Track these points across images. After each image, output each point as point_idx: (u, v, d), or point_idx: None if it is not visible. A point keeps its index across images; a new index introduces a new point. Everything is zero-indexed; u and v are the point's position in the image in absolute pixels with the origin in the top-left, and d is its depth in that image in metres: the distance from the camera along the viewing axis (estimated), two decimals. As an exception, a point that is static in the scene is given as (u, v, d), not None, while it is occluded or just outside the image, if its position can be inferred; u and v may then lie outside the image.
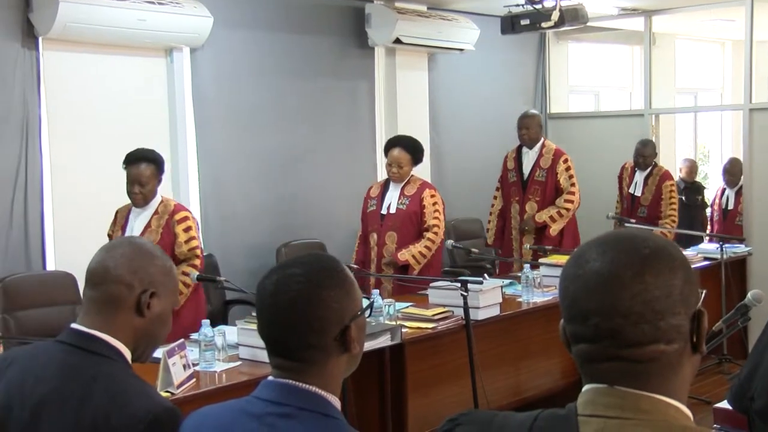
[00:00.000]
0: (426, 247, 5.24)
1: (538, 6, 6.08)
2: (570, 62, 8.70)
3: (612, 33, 8.65)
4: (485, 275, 4.80)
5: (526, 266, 5.07)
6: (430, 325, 4.30)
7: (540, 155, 6.24)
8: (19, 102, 4.89)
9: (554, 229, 6.08)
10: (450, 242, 5.26)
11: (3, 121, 4.85)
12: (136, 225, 4.43)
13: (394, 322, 4.15)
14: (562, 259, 5.16)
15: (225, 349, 3.65)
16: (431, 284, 4.70)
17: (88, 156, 5.25)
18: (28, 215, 4.94)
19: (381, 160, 7.04)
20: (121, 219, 4.53)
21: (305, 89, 6.32)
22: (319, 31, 6.41)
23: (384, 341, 3.89)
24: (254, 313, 4.03)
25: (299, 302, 1.50)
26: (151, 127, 5.59)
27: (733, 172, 7.06)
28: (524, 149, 6.30)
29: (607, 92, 9.61)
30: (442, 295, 4.53)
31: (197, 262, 4.45)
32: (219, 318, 5.23)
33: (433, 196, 5.34)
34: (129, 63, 5.47)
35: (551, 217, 6.09)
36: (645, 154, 6.74)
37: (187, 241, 4.41)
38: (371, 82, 6.84)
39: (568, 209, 6.11)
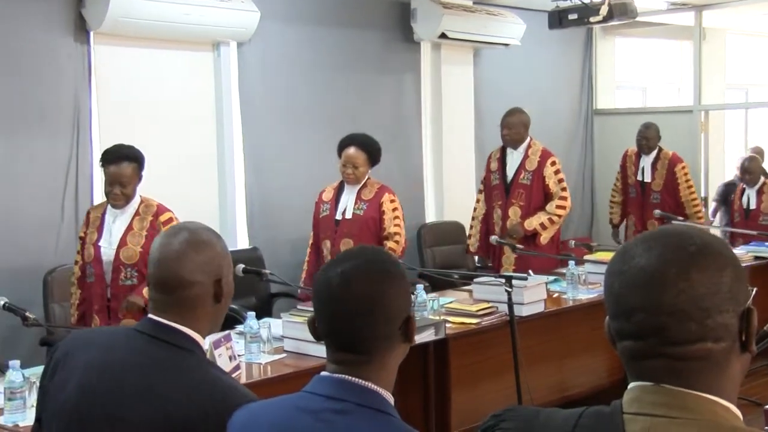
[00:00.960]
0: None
1: (587, 1, 6.02)
2: (617, 57, 8.61)
3: (660, 28, 8.55)
4: (530, 271, 4.78)
5: (571, 263, 5.03)
6: (474, 321, 4.29)
7: (525, 156, 5.64)
8: (71, 95, 4.98)
9: (545, 238, 5.51)
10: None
11: (56, 114, 4.94)
12: (115, 227, 4.06)
13: (438, 317, 4.15)
14: (608, 256, 5.11)
15: (270, 341, 3.68)
16: (475, 280, 4.69)
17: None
18: (78, 208, 5.03)
19: (427, 156, 7.05)
20: (95, 220, 4.13)
21: (351, 84, 6.34)
22: (365, 25, 6.43)
23: (428, 336, 3.89)
24: (300, 306, 4.03)
25: (373, 291, 1.51)
26: (198, 121, 5.66)
27: (752, 170, 6.73)
28: (509, 150, 5.70)
29: (655, 88, 9.49)
30: (487, 290, 4.51)
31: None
32: (264, 310, 5.27)
33: (392, 201, 4.88)
34: (177, 57, 5.54)
35: (542, 225, 5.50)
36: (648, 137, 6.57)
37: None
38: (417, 77, 6.84)
39: (560, 215, 5.56)
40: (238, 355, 3.44)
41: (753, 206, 6.74)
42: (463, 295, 4.76)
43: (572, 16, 6.21)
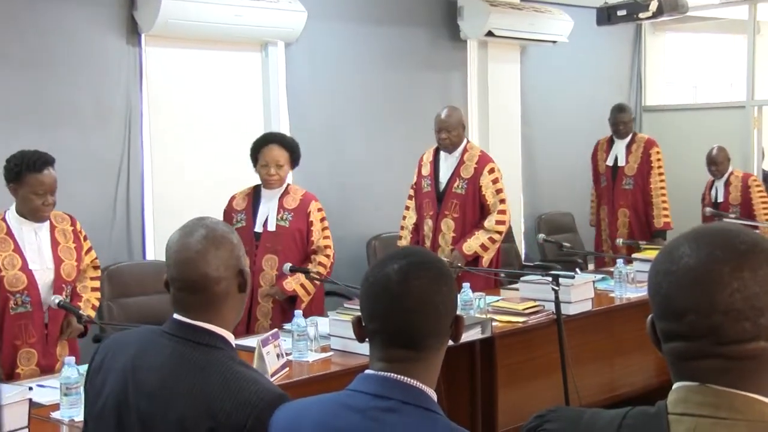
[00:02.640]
0: (318, 273, 4.30)
1: (636, -4, 5.96)
2: (667, 53, 8.49)
3: (712, 22, 8.41)
4: (577, 270, 4.75)
5: (620, 261, 4.99)
6: (521, 319, 4.28)
7: (461, 162, 5.07)
8: (123, 97, 5.07)
9: (486, 260, 4.97)
10: (541, 236, 5.21)
11: (108, 114, 5.04)
12: (42, 245, 3.64)
13: (484, 316, 4.15)
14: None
15: (317, 340, 3.71)
16: (522, 278, 4.68)
17: (185, 149, 5.41)
18: (130, 207, 5.13)
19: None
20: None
21: (398, 82, 6.36)
22: (412, 23, 6.44)
23: (474, 334, 3.89)
24: (347, 305, 4.06)
25: (431, 288, 1.53)
26: (247, 121, 5.72)
27: (719, 160, 6.40)
28: (442, 153, 5.16)
29: (707, 83, 9.35)
30: (533, 289, 4.50)
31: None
32: (311, 309, 5.30)
33: (320, 209, 4.43)
34: (225, 58, 5.61)
35: (483, 246, 4.92)
36: (625, 120, 6.30)
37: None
38: (463, 75, 6.83)
39: (500, 233, 4.99)
40: (286, 353, 3.48)
41: (721, 199, 6.44)
42: (509, 294, 4.75)
43: (621, 12, 6.16)
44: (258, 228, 4.32)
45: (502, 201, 5.00)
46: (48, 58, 4.81)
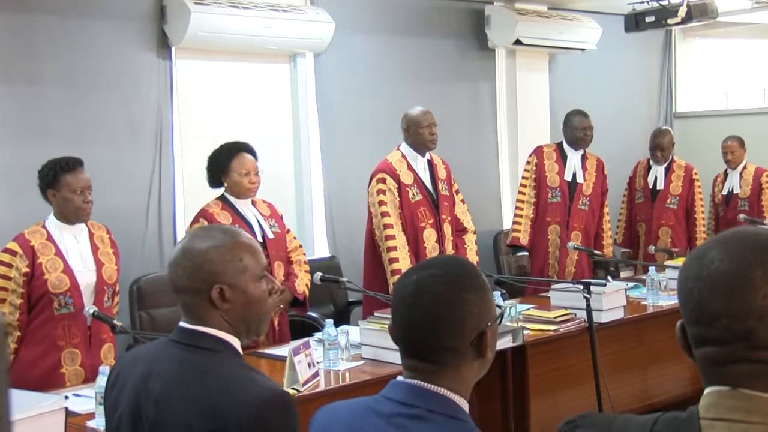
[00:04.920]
0: (306, 272, 4.31)
1: (664, 2, 5.92)
2: (697, 59, 8.42)
3: (743, 27, 8.33)
4: (608, 277, 4.72)
5: (652, 269, 4.95)
6: (552, 328, 4.26)
7: (433, 165, 4.97)
8: (154, 109, 5.13)
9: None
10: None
11: (139, 127, 5.10)
12: (82, 248, 3.75)
13: (515, 324, 4.13)
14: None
15: (348, 349, 3.72)
16: (553, 286, 4.65)
17: (216, 160, 5.45)
18: (161, 218, 5.18)
19: (503, 163, 7.01)
20: (42, 248, 3.66)
21: (426, 92, 6.36)
22: (440, 33, 6.45)
23: (506, 343, 3.87)
24: (378, 314, 4.07)
25: (441, 303, 1.50)
26: (276, 132, 5.76)
27: (665, 146, 6.16)
28: (418, 157, 4.92)
29: (738, 90, 9.25)
30: (564, 297, 4.47)
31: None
32: (342, 318, 5.33)
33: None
34: (254, 69, 5.66)
35: (476, 252, 5.08)
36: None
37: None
38: (492, 84, 6.83)
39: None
40: (317, 362, 3.49)
41: (661, 186, 6.22)
42: (541, 302, 4.73)
43: (650, 19, 6.12)
44: (259, 238, 4.17)
45: (468, 210, 5.10)
46: (81, 74, 4.88)
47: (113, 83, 5.00)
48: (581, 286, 3.99)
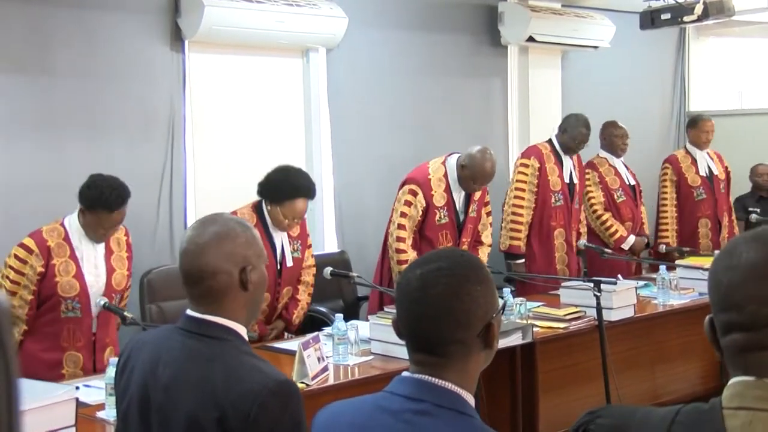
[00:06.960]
0: (309, 294, 4.41)
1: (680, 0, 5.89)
2: (712, 58, 8.38)
3: (757, 26, 8.28)
4: (619, 276, 4.71)
5: (662, 268, 4.93)
6: (562, 325, 4.25)
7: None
8: (167, 102, 5.14)
9: None
10: (582, 242, 5.17)
11: (152, 120, 5.11)
12: (97, 253, 3.78)
13: (525, 321, 4.13)
14: (700, 260, 5.00)
15: (358, 344, 3.72)
16: (563, 284, 4.65)
17: (227, 154, 5.46)
18: (172, 211, 5.19)
19: (514, 160, 6.99)
20: (59, 248, 3.67)
21: (439, 88, 6.36)
22: (453, 29, 6.43)
23: (515, 339, 3.88)
24: (387, 309, 4.07)
25: (448, 296, 1.50)
26: (288, 126, 5.77)
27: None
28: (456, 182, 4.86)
29: (752, 89, 9.20)
30: (575, 295, 4.47)
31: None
32: (351, 313, 5.33)
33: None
34: (267, 64, 5.66)
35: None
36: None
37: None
38: (504, 81, 6.81)
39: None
40: (326, 357, 3.49)
41: (632, 182, 6.05)
42: (551, 300, 4.73)
43: (665, 16, 6.08)
44: (278, 262, 4.20)
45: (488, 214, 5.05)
46: (95, 66, 4.89)
47: (127, 76, 5.01)
48: (591, 284, 3.99)
